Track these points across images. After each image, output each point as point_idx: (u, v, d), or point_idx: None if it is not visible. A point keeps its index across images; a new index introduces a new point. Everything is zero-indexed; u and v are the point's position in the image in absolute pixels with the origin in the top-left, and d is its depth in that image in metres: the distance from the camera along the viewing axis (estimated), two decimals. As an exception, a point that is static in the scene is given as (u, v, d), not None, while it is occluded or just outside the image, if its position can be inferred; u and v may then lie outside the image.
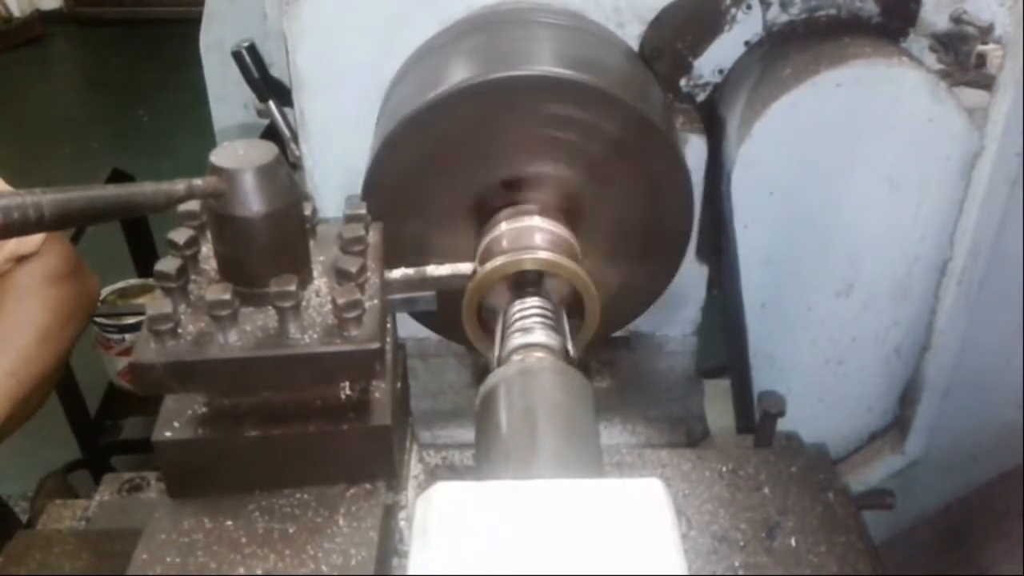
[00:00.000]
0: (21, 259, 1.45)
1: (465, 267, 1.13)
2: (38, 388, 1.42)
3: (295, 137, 1.55)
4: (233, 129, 2.05)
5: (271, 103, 1.71)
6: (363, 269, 0.90)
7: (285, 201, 0.85)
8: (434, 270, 1.11)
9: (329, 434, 0.89)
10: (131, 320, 2.82)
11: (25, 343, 1.40)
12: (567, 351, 1.06)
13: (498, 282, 1.15)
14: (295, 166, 1.57)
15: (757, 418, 1.41)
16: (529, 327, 1.07)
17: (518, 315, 1.10)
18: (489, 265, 1.14)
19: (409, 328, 1.43)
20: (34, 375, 1.39)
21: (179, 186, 0.82)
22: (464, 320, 1.17)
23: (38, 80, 6.23)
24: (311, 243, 0.94)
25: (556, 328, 1.09)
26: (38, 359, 1.40)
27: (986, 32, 1.33)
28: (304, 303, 0.87)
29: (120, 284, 3.02)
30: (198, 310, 0.87)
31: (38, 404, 1.45)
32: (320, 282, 0.91)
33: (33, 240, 1.44)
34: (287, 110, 1.65)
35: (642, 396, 1.68)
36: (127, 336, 2.84)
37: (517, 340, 1.05)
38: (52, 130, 5.42)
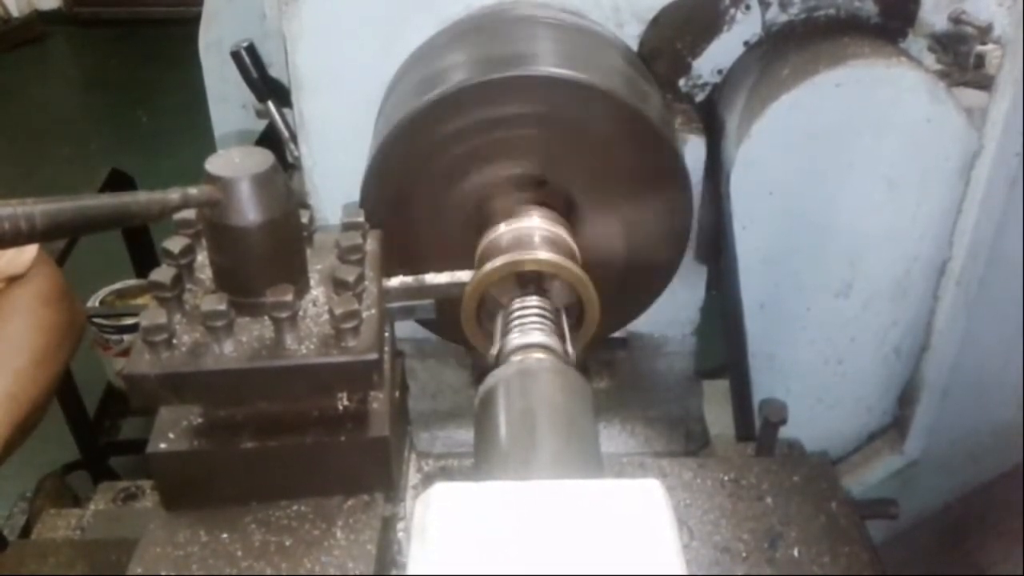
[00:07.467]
0: (10, 280, 1.41)
1: (464, 275, 1.13)
2: (36, 409, 1.38)
3: (294, 137, 1.54)
4: (232, 130, 2.04)
5: (270, 103, 1.70)
6: (361, 278, 0.89)
7: (281, 210, 0.84)
8: (432, 278, 1.10)
9: (326, 445, 0.88)
10: (129, 321, 2.81)
11: (22, 364, 1.36)
12: (566, 351, 1.06)
13: (497, 283, 1.15)
14: (294, 166, 1.56)
15: (757, 422, 1.41)
16: (528, 327, 1.07)
17: (517, 315, 1.10)
18: (488, 266, 1.14)
19: (408, 328, 1.42)
20: (32, 397, 1.35)
21: (173, 195, 0.80)
22: (463, 321, 1.17)
23: (37, 80, 6.22)
24: (308, 251, 0.93)
25: (555, 328, 1.08)
26: (35, 380, 1.37)
27: (985, 32, 1.33)
28: (301, 313, 0.86)
29: (118, 284, 3.01)
30: (193, 320, 0.86)
31: (33, 426, 1.41)
32: (317, 291, 0.90)
33: (22, 261, 1.41)
34: (286, 110, 1.65)
35: (641, 396, 1.68)
36: (125, 337, 2.84)
37: (516, 340, 1.05)
38: (51, 130, 5.40)
